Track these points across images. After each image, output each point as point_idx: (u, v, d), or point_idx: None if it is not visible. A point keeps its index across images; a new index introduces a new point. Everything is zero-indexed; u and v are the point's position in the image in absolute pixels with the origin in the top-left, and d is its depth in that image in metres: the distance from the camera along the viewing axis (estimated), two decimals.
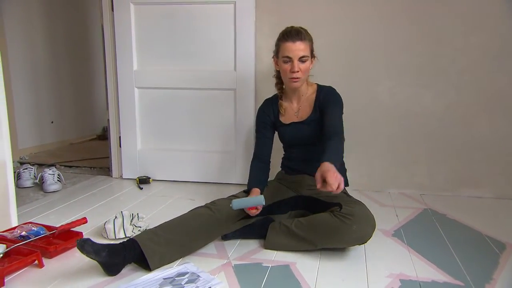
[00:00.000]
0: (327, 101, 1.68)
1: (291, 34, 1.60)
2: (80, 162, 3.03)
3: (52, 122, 3.61)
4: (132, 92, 2.47)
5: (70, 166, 2.91)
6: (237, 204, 1.46)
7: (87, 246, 1.24)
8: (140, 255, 1.35)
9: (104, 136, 3.91)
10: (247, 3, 2.26)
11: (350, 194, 1.69)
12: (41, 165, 2.86)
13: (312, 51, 1.66)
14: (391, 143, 2.29)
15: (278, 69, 1.72)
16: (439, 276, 1.35)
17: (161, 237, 1.40)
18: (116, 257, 1.30)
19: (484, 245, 1.60)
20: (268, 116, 1.79)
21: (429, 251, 1.54)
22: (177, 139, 2.50)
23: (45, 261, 1.41)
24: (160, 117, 2.49)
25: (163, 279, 1.31)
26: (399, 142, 2.29)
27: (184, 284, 1.28)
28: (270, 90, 2.36)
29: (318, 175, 1.33)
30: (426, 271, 1.39)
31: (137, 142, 2.53)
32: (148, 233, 1.42)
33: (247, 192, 1.67)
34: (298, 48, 1.59)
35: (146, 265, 1.35)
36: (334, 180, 1.28)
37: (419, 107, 2.24)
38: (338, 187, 1.28)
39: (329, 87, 1.74)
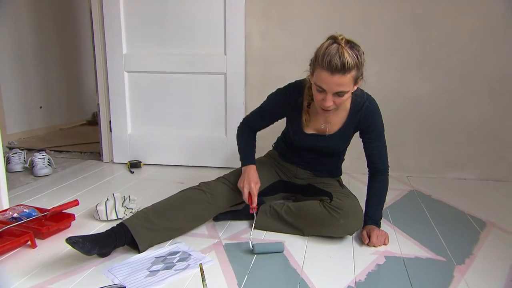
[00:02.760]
0: (370, 124, 1.50)
1: (332, 62, 1.24)
2: (70, 147, 3.02)
3: (40, 107, 3.57)
4: (122, 76, 2.46)
5: (60, 151, 2.90)
6: (259, 250, 1.38)
7: (77, 248, 1.22)
8: (131, 238, 1.36)
9: (94, 121, 3.90)
10: None
11: (343, 183, 1.71)
12: (30, 150, 2.85)
13: (357, 78, 1.32)
14: None
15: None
16: (422, 252, 1.41)
17: (153, 223, 1.39)
18: (107, 248, 1.32)
19: (466, 223, 1.67)
20: (284, 112, 1.59)
21: (413, 229, 1.60)
22: (167, 123, 2.51)
23: (37, 242, 1.42)
24: (150, 102, 2.49)
25: (155, 258, 1.34)
26: (386, 125, 2.29)
27: (176, 262, 1.31)
28: (261, 74, 2.38)
29: (364, 233, 1.47)
30: (410, 248, 1.44)
31: (127, 127, 2.53)
32: (139, 218, 1.40)
33: (241, 168, 1.59)
34: (335, 82, 1.27)
35: (135, 246, 1.37)
36: (377, 242, 1.44)
37: (406, 90, 2.27)
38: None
39: (370, 103, 1.48)
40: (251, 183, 1.51)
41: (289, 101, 1.53)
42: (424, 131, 2.30)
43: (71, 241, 1.22)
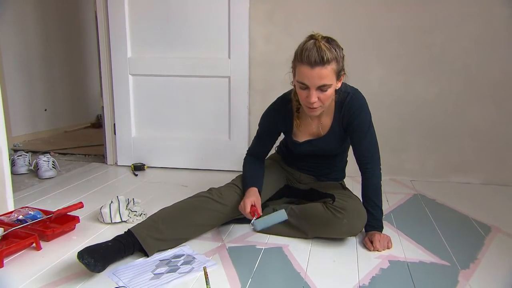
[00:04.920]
0: (354, 119, 1.44)
1: (310, 56, 1.26)
2: (74, 149, 3.04)
3: (45, 110, 3.60)
4: (126, 79, 2.47)
5: (65, 154, 2.92)
6: (260, 225, 1.38)
7: (88, 268, 1.20)
8: (139, 246, 1.35)
9: (98, 124, 3.92)
10: None
11: (346, 186, 1.71)
12: (35, 153, 2.87)
13: (339, 72, 1.33)
14: (383, 130, 2.30)
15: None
16: (427, 257, 1.40)
17: (162, 233, 1.39)
18: (115, 259, 1.31)
19: (471, 228, 1.66)
20: (277, 126, 1.59)
21: (417, 234, 1.59)
22: (171, 126, 2.51)
23: (42, 244, 1.43)
24: (154, 105, 2.50)
25: (159, 260, 1.34)
26: (391, 129, 2.32)
27: (180, 265, 1.31)
28: (265, 78, 2.39)
29: (366, 239, 1.48)
30: (414, 252, 1.44)
31: (131, 130, 2.54)
32: (149, 229, 1.38)
33: (243, 190, 1.55)
34: (316, 75, 1.28)
35: (142, 250, 1.37)
36: (381, 247, 1.44)
37: (410, 95, 2.27)
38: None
39: (352, 98, 1.44)
40: (247, 203, 1.44)
41: (280, 112, 1.54)
42: (428, 135, 2.30)
43: (83, 261, 1.20)
